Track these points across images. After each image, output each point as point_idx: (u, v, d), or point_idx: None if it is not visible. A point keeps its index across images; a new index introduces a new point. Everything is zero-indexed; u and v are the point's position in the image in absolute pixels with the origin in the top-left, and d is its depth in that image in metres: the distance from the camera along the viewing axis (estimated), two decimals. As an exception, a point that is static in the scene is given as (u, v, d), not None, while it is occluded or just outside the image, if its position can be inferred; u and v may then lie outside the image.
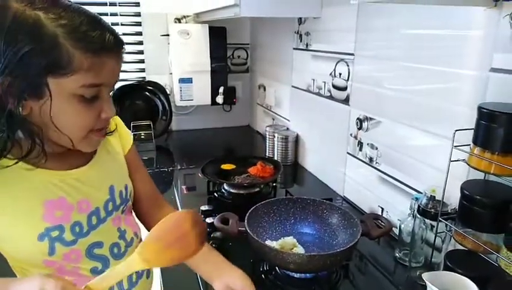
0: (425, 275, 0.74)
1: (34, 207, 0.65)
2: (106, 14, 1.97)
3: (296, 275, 0.94)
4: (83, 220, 0.70)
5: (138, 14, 2.08)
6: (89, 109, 0.63)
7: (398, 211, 1.14)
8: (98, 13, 0.64)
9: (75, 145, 0.66)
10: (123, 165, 0.83)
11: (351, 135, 1.35)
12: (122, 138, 0.84)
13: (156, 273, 1.02)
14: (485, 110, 0.72)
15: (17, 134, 0.62)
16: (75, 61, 0.58)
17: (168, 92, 2.16)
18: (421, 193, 0.97)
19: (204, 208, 1.24)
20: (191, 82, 2.10)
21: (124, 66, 0.74)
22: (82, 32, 0.59)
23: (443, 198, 0.83)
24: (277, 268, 0.97)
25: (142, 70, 2.18)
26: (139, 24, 2.10)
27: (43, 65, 0.57)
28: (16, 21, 0.56)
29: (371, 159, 1.25)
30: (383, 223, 1.04)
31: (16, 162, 0.62)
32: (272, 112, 2.10)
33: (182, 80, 2.09)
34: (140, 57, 2.16)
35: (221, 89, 2.17)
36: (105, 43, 0.61)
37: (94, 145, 0.70)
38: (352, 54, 1.29)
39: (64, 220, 0.68)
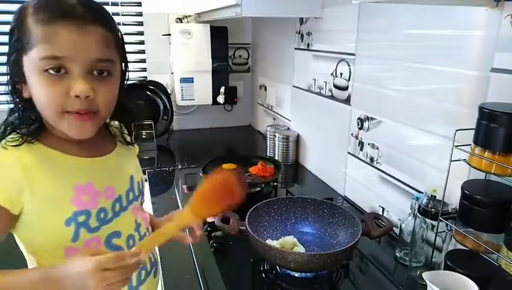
0: (426, 275, 0.74)
1: (64, 190, 0.66)
2: (108, 14, 1.97)
3: (297, 275, 0.95)
4: (108, 206, 0.71)
5: (140, 14, 2.08)
6: (55, 85, 0.61)
7: (399, 211, 1.14)
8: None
9: (55, 126, 0.65)
10: (137, 160, 0.85)
11: (352, 134, 1.35)
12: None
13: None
14: (486, 110, 0.72)
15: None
16: (33, 35, 0.59)
17: (170, 92, 2.16)
18: (422, 192, 0.97)
19: (205, 207, 1.24)
20: (192, 82, 2.11)
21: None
22: (42, 5, 0.60)
23: (444, 198, 0.83)
24: (277, 267, 0.97)
25: (144, 69, 2.18)
26: (140, 24, 2.10)
27: (15, 45, 0.61)
28: (15, 17, 0.62)
29: (371, 159, 1.25)
30: (383, 223, 1.04)
31: (22, 143, 0.64)
32: (273, 111, 2.10)
33: (183, 80, 2.09)
34: (141, 56, 2.16)
35: (222, 89, 2.17)
36: (58, 11, 0.59)
37: (77, 130, 0.65)
38: (353, 54, 1.29)
39: (91, 205, 0.69)
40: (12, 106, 0.68)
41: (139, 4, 2.07)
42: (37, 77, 0.60)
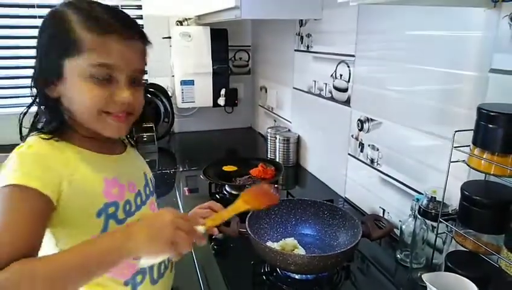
0: (426, 276, 0.74)
1: (96, 183, 0.69)
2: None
3: (297, 277, 0.95)
4: (132, 199, 0.75)
5: (140, 17, 2.09)
6: (100, 89, 0.66)
7: (399, 212, 1.14)
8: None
9: (89, 125, 0.69)
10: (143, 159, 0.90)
11: (352, 136, 1.35)
12: None
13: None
14: (484, 111, 0.72)
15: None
16: (84, 42, 0.63)
17: (170, 94, 2.17)
18: (422, 193, 0.97)
19: (205, 209, 1.24)
20: (193, 84, 2.11)
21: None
22: (92, 16, 0.65)
23: (443, 199, 0.83)
24: (278, 269, 0.97)
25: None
26: (141, 27, 2.11)
27: (58, 48, 0.65)
28: (51, 17, 0.66)
29: (372, 161, 1.25)
30: (383, 224, 1.04)
31: (50, 138, 0.67)
32: (274, 113, 2.11)
33: (184, 82, 2.10)
34: (142, 59, 2.17)
35: (223, 91, 2.17)
36: (110, 26, 0.65)
37: (114, 129, 0.70)
38: (353, 56, 1.29)
39: (119, 197, 0.72)
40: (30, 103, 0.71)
41: (140, 7, 2.08)
42: (82, 80, 0.65)
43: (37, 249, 0.58)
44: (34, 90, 0.70)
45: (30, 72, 0.69)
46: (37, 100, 0.70)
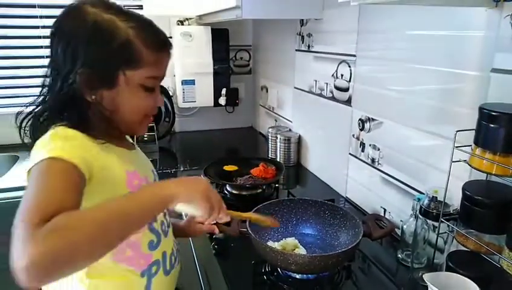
0: (427, 276, 0.74)
1: (120, 174, 0.73)
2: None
3: (298, 276, 0.95)
4: None
5: (141, 17, 2.09)
6: (148, 97, 0.75)
7: (401, 212, 1.13)
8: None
9: (133, 127, 0.77)
10: None
11: (353, 135, 1.35)
12: None
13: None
14: (486, 111, 0.71)
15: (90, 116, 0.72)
16: (143, 57, 0.70)
17: (171, 94, 2.17)
18: (423, 193, 0.97)
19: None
20: (194, 84, 2.11)
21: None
22: (147, 33, 0.71)
23: (445, 199, 0.83)
24: (279, 269, 0.97)
25: (145, 72, 2.19)
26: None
27: (119, 60, 0.69)
28: (96, 23, 0.68)
29: (373, 160, 1.25)
30: (384, 224, 1.04)
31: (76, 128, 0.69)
32: (275, 113, 2.10)
33: (185, 82, 2.10)
34: (143, 59, 2.17)
35: (223, 91, 2.17)
36: (164, 42, 0.74)
37: (145, 128, 0.81)
38: (354, 55, 1.29)
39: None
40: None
41: (140, 7, 2.07)
42: (135, 89, 0.72)
43: None
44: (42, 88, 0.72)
45: (27, 72, 0.69)
46: (51, 98, 0.71)
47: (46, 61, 0.74)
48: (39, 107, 0.73)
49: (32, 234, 0.50)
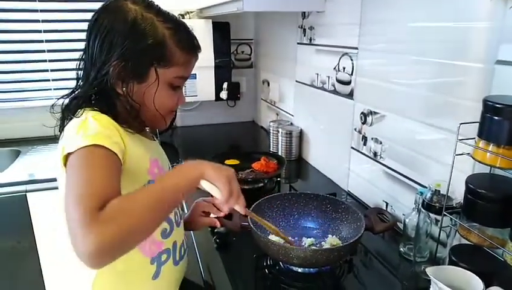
0: (429, 270, 0.73)
1: (143, 161, 0.76)
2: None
3: (300, 270, 0.94)
4: None
5: (142, 10, 2.07)
6: (174, 94, 0.80)
7: (403, 206, 1.13)
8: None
9: (157, 121, 0.81)
10: None
11: (355, 129, 1.34)
12: None
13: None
14: (490, 103, 0.71)
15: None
16: (176, 57, 0.75)
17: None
18: (426, 187, 0.96)
19: (208, 203, 1.24)
20: (195, 78, 2.10)
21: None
22: (181, 35, 0.76)
23: (448, 192, 0.82)
24: (280, 263, 0.97)
25: (146, 66, 2.18)
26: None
27: (153, 57, 0.73)
28: (136, 20, 0.72)
29: (375, 154, 1.24)
30: (387, 218, 1.03)
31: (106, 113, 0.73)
32: (276, 107, 2.10)
33: (186, 76, 2.09)
34: (144, 53, 2.16)
35: (225, 85, 2.16)
36: (194, 45, 0.79)
37: (167, 123, 0.85)
38: (356, 48, 1.28)
39: (159, 176, 0.79)
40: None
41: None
42: (164, 86, 0.76)
43: None
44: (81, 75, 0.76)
45: (31, 73, 0.70)
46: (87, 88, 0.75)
47: (48, 56, 0.75)
48: (73, 94, 0.77)
49: (93, 220, 0.55)
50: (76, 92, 0.77)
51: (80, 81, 0.77)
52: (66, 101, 0.76)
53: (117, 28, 0.71)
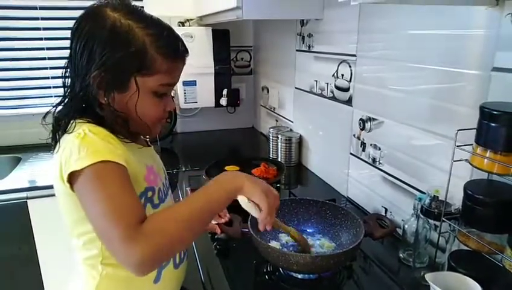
0: (429, 276, 0.74)
1: (140, 168, 0.76)
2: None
3: (300, 276, 0.95)
4: (162, 187, 0.83)
5: (142, 18, 2.09)
6: (160, 102, 0.76)
7: (402, 211, 1.13)
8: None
9: (146, 129, 0.78)
10: None
11: (354, 135, 1.35)
12: None
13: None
14: (487, 110, 0.72)
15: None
16: (157, 65, 0.71)
17: (172, 95, 2.16)
18: (424, 193, 0.97)
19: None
20: (195, 85, 2.11)
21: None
22: (163, 41, 0.72)
23: (446, 198, 0.83)
24: (280, 269, 0.97)
25: (146, 73, 2.19)
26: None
27: (132, 66, 0.70)
28: (114, 28, 0.69)
29: (374, 160, 1.25)
30: (386, 224, 1.04)
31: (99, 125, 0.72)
32: (276, 113, 2.10)
33: (186, 83, 2.10)
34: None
35: (225, 91, 2.17)
36: (179, 51, 0.75)
37: (158, 130, 0.82)
38: (354, 55, 1.29)
39: (155, 183, 0.80)
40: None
41: (141, 8, 2.08)
42: (147, 95, 0.73)
43: None
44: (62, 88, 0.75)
45: (30, 73, 0.70)
46: (71, 99, 0.74)
47: (48, 63, 0.75)
48: (61, 106, 0.75)
49: (137, 233, 0.60)
50: (66, 100, 0.75)
51: (67, 89, 0.75)
52: (58, 108, 0.76)
53: (95, 36, 0.69)
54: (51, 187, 0.74)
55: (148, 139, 0.91)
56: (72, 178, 0.65)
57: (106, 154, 0.65)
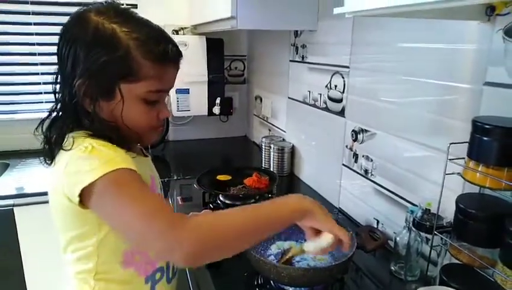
0: (421, 290, 0.73)
1: (146, 178, 0.72)
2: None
3: (291, 289, 0.93)
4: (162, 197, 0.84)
5: (136, 25, 2.08)
6: (150, 110, 0.72)
7: (394, 224, 1.13)
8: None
9: (137, 138, 0.76)
10: None
11: (346, 146, 1.35)
12: None
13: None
14: (479, 124, 0.72)
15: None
16: (144, 70, 0.67)
17: (165, 103, 2.15)
18: (416, 205, 0.97)
19: (199, 219, 1.23)
20: (188, 93, 2.11)
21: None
22: (150, 45, 0.67)
23: (438, 211, 0.83)
24: (271, 282, 0.95)
25: (139, 80, 2.18)
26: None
27: (117, 72, 0.66)
28: (97, 32, 0.65)
29: (366, 171, 1.25)
30: (378, 236, 1.03)
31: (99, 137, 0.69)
32: (268, 123, 2.10)
33: (179, 91, 2.09)
34: (137, 67, 2.16)
35: (218, 100, 2.17)
36: (168, 55, 0.70)
37: (152, 139, 0.79)
38: (347, 67, 1.30)
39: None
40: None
41: (132, 10, 2.07)
42: (135, 102, 0.69)
43: None
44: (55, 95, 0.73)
45: (23, 77, 0.68)
46: (59, 107, 0.71)
47: (40, 68, 0.74)
48: (55, 114, 0.73)
49: (180, 224, 0.58)
50: (58, 108, 0.72)
51: (58, 94, 0.72)
52: (51, 117, 0.73)
53: (79, 41, 0.66)
54: (38, 194, 0.72)
55: (141, 148, 0.88)
56: (85, 194, 0.61)
57: (120, 162, 0.62)
